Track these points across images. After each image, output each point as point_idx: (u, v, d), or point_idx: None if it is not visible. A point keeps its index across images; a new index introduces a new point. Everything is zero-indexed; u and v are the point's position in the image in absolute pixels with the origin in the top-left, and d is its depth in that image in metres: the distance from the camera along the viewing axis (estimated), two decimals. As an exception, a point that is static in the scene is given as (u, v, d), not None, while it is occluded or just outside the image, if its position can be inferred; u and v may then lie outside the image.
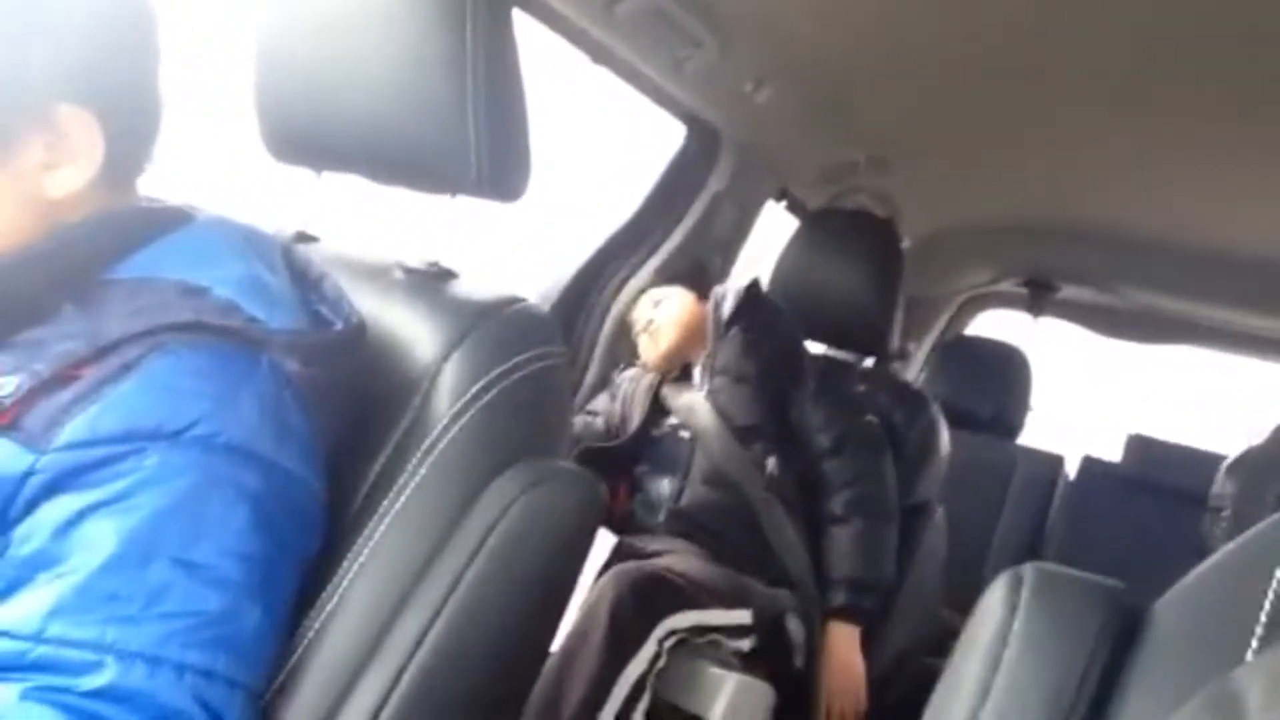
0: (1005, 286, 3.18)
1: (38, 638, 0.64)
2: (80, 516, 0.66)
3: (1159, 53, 1.57)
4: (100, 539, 0.65)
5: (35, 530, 0.66)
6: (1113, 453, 3.07)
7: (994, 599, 0.53)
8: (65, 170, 0.74)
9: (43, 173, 0.73)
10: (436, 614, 0.76)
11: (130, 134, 0.78)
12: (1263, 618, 0.44)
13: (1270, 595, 0.45)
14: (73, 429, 0.66)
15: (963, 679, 0.51)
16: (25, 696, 0.63)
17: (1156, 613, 0.50)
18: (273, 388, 0.73)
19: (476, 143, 0.89)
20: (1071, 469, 3.04)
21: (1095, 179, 2.35)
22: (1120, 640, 0.49)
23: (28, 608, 0.64)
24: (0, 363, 0.70)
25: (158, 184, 0.85)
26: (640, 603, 1.45)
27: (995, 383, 3.00)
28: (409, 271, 0.96)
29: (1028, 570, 0.53)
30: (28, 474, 0.66)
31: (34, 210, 0.74)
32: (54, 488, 0.66)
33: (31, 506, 0.66)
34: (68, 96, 0.72)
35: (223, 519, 0.69)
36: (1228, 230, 2.39)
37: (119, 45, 0.76)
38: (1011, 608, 0.51)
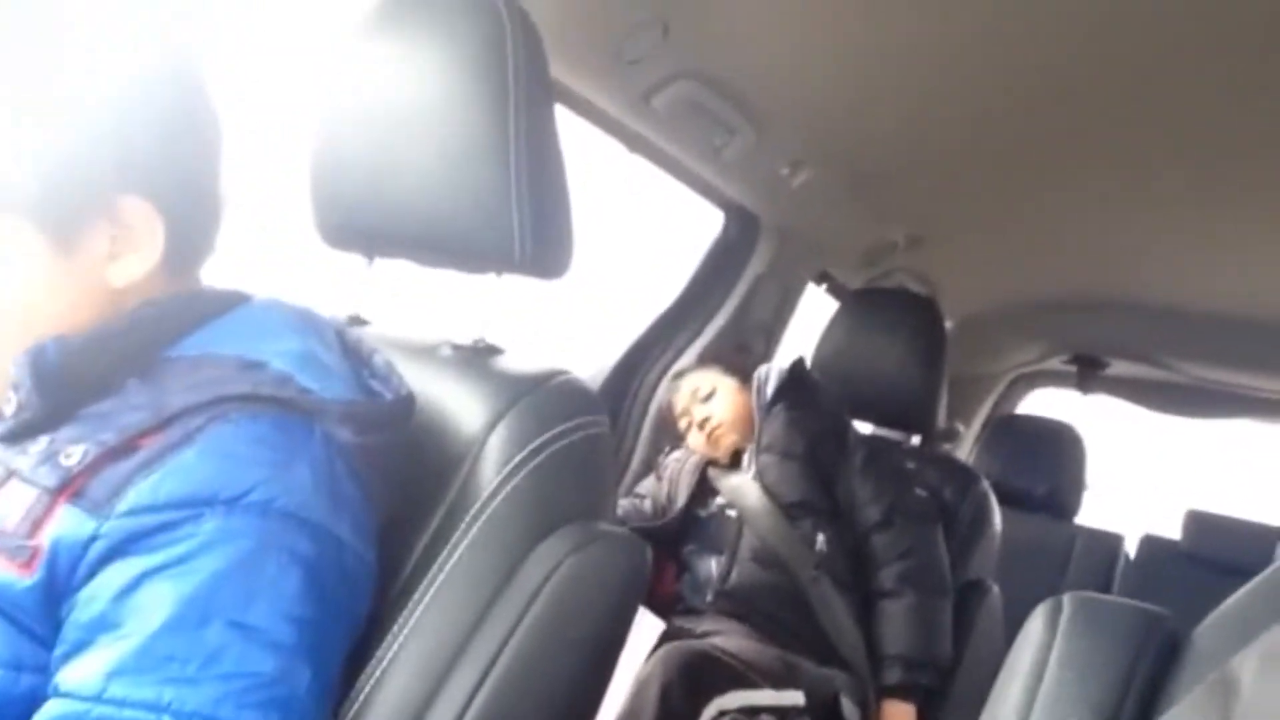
0: (1053, 364, 3.17)
1: (98, 698, 0.66)
2: (140, 580, 0.68)
3: (1199, 122, 1.58)
4: (159, 602, 0.67)
5: (97, 594, 0.68)
6: (1171, 528, 3.00)
7: (1035, 625, 0.53)
8: (128, 259, 0.78)
9: (107, 263, 0.77)
10: (485, 676, 0.77)
11: (191, 224, 0.82)
12: None
13: None
14: (135, 495, 0.69)
15: (1007, 698, 0.51)
16: None
17: (1198, 635, 0.50)
18: (326, 456, 0.76)
19: (520, 222, 0.93)
20: (1130, 546, 2.98)
21: (1136, 252, 2.35)
22: (1161, 660, 0.49)
23: (89, 669, 0.66)
24: (68, 434, 0.74)
25: (217, 270, 0.90)
26: (690, 682, 1.44)
27: (1048, 461, 2.96)
28: (456, 348, 0.99)
29: (1067, 598, 0.54)
30: (92, 539, 0.69)
31: (98, 298, 0.78)
32: (116, 552, 0.69)
33: (94, 571, 0.69)
34: (131, 189, 0.77)
35: (277, 582, 0.71)
36: (1275, 299, 2.37)
37: (181, 139, 0.80)
38: (1052, 630, 0.52)
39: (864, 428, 2.15)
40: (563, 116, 1.05)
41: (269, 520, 0.71)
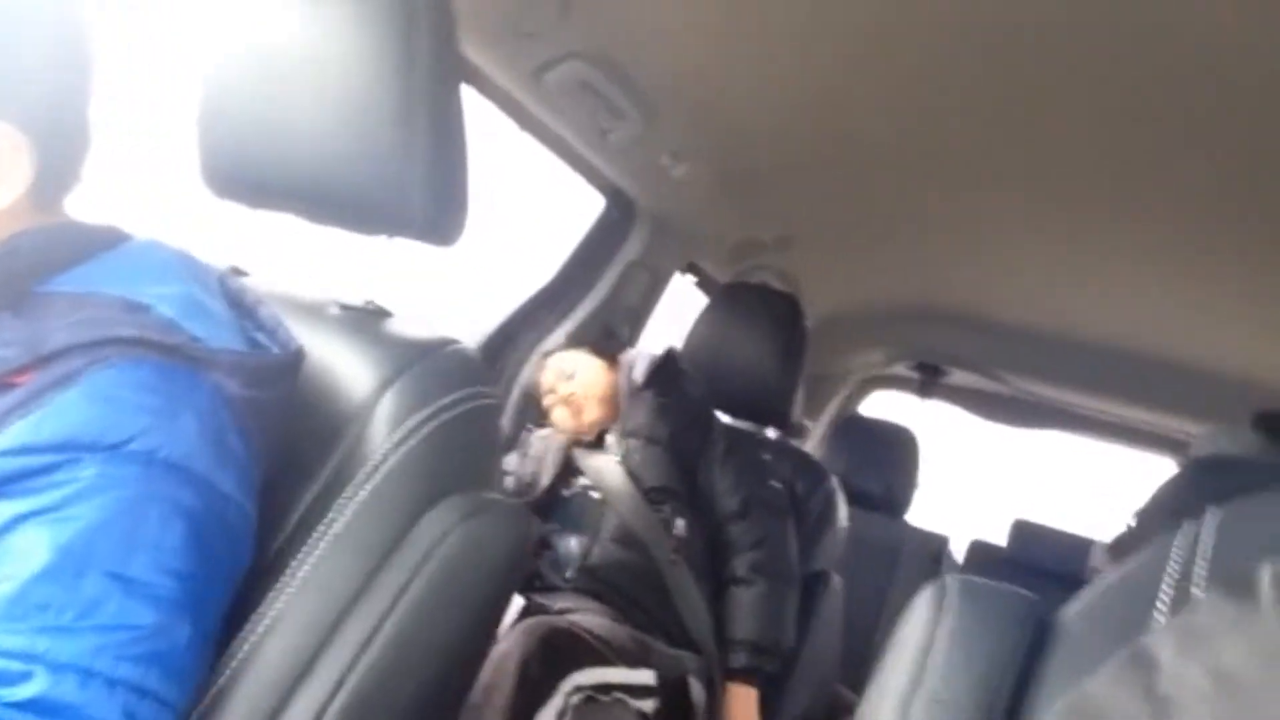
0: (898, 369, 3.33)
1: None
2: (13, 524, 0.65)
3: (1052, 150, 1.69)
4: (34, 548, 0.64)
5: None
6: (995, 534, 3.21)
7: (921, 605, 0.57)
8: None
9: None
10: (370, 638, 0.76)
11: (59, 155, 0.78)
12: (1161, 603, 0.50)
13: (1167, 584, 0.50)
14: (12, 435, 0.66)
15: (896, 670, 0.55)
16: None
17: (1063, 617, 0.56)
18: (213, 407, 0.73)
19: (419, 187, 0.92)
20: (955, 547, 3.16)
21: (983, 270, 2.50)
22: (1035, 639, 0.54)
23: None
24: None
25: (85, 207, 0.85)
26: (549, 656, 1.45)
27: (886, 462, 3.10)
28: (345, 308, 0.97)
29: (950, 580, 0.58)
30: None
31: None
32: None
33: None
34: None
35: (158, 535, 0.68)
36: (1103, 324, 2.57)
37: (52, 65, 0.76)
38: (938, 610, 0.56)
39: (723, 419, 2.20)
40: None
41: (152, 470, 0.69)
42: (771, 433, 2.44)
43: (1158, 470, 3.33)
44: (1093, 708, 0.41)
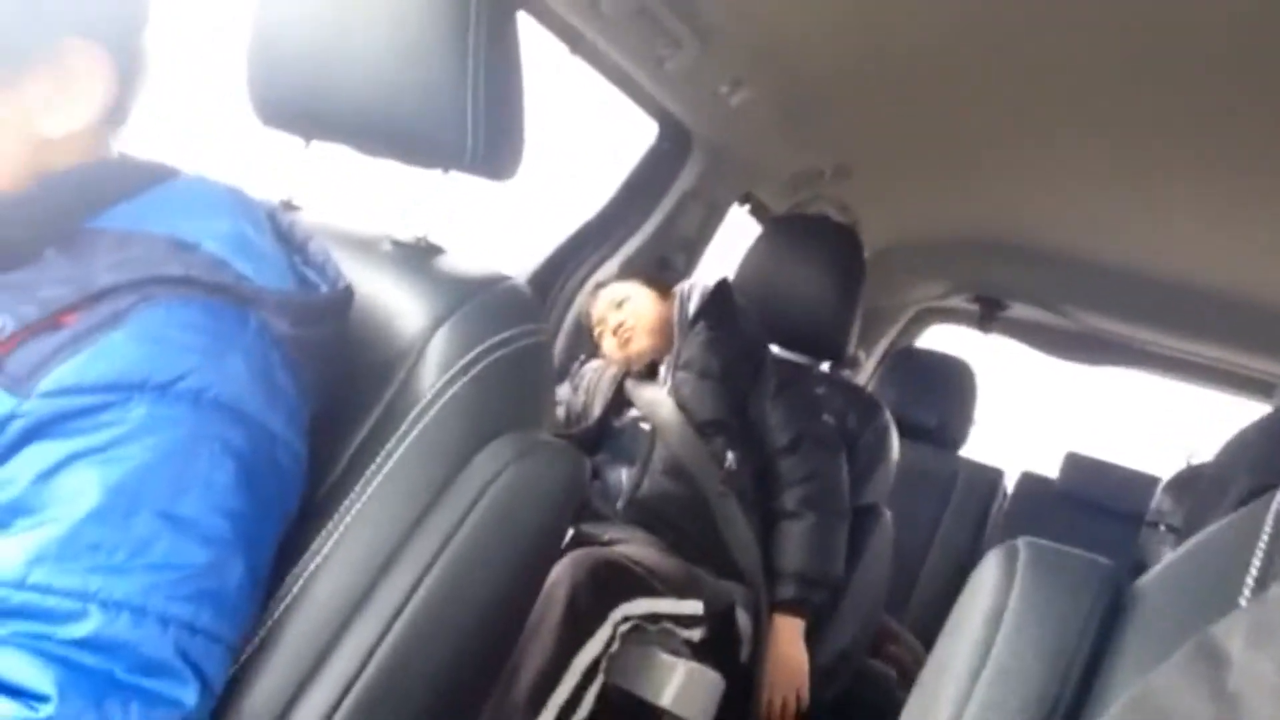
0: (957, 302, 3.26)
1: (19, 585, 0.63)
2: (63, 464, 0.65)
3: (1115, 80, 1.63)
4: (84, 488, 0.65)
5: (16, 476, 0.65)
6: (1050, 468, 3.16)
7: (988, 570, 0.56)
8: (67, 111, 0.72)
9: (44, 110, 0.72)
10: (421, 578, 0.77)
11: (129, 82, 0.77)
12: (1249, 580, 0.48)
13: (1256, 558, 0.48)
14: (59, 375, 0.66)
15: (960, 641, 0.54)
16: (4, 643, 0.63)
17: (1142, 587, 0.53)
18: (261, 346, 0.73)
19: (474, 120, 0.90)
20: (1009, 482, 3.13)
21: (1048, 201, 2.42)
22: (1111, 609, 0.52)
23: (8, 554, 0.64)
24: None
25: (135, 142, 0.85)
26: (597, 587, 1.47)
27: (941, 395, 3.06)
28: (397, 245, 0.97)
29: (1021, 544, 0.56)
30: (10, 418, 0.65)
31: (27, 148, 0.72)
32: (36, 433, 0.65)
33: (11, 451, 0.66)
34: (82, 31, 0.71)
35: (209, 474, 0.69)
36: (1175, 259, 2.48)
37: None
38: (1009, 578, 0.54)
39: (776, 351, 2.18)
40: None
41: (201, 410, 0.69)
42: (825, 365, 2.42)
43: (1215, 407, 3.25)
44: (1156, 704, 0.39)
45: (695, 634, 1.65)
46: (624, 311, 1.96)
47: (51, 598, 0.63)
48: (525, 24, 1.68)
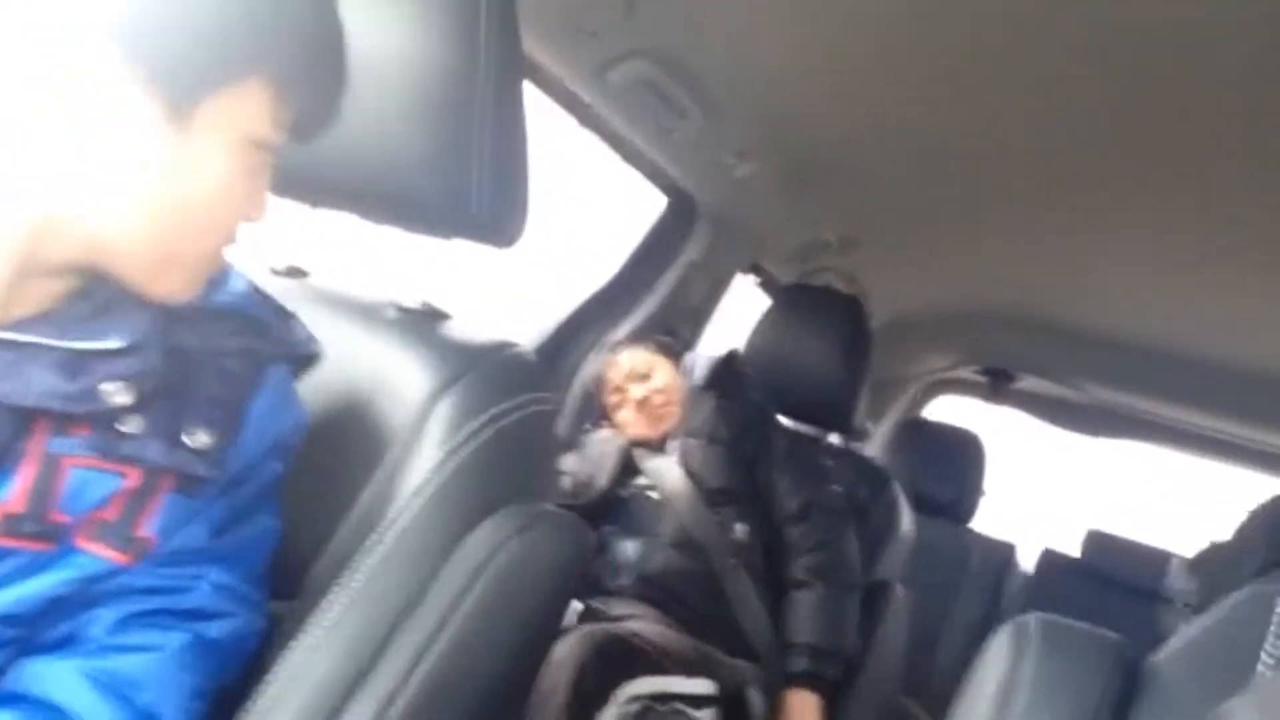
0: (964, 373, 3.24)
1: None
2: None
3: (1124, 153, 1.63)
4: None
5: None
6: (1063, 544, 3.11)
7: (1000, 645, 0.53)
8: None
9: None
10: (424, 651, 0.74)
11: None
12: (1264, 656, 0.45)
13: (1270, 635, 0.46)
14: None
15: (974, 713, 0.51)
16: None
17: (1155, 664, 0.51)
18: None
19: (479, 186, 0.90)
20: (1021, 557, 3.07)
21: (1057, 273, 2.41)
22: (1124, 685, 0.50)
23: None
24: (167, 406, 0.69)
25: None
26: (604, 665, 1.42)
27: (952, 467, 3.03)
28: (402, 310, 0.95)
29: (1033, 620, 0.54)
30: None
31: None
32: None
33: None
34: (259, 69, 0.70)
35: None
36: (1185, 332, 2.46)
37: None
38: (1019, 653, 0.52)
39: (785, 423, 2.16)
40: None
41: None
42: (834, 438, 2.39)
43: (1236, 483, 3.19)
44: None
45: (706, 715, 1.59)
46: (652, 385, 1.94)
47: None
48: (533, 96, 1.71)
